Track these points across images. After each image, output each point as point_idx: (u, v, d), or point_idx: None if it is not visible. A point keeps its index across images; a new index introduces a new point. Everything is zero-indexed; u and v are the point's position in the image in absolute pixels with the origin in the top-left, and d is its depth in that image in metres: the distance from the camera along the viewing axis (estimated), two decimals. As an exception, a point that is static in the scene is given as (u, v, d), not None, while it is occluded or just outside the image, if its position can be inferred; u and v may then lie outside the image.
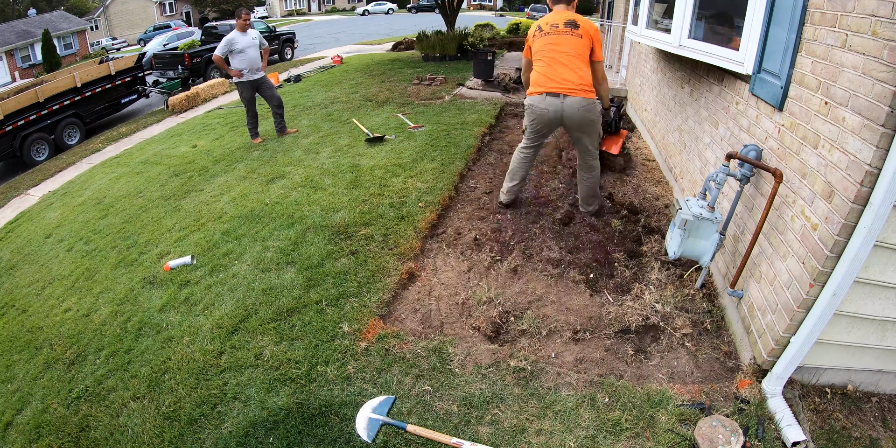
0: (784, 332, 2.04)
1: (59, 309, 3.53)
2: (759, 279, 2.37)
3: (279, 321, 2.73)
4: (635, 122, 6.18)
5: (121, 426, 2.28)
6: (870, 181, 1.68)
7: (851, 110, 1.77)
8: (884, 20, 1.60)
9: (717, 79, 3.23)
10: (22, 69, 27.51)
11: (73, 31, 31.29)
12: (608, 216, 3.60)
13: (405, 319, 2.77)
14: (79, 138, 10.18)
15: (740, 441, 1.88)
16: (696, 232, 2.48)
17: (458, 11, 13.07)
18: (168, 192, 5.14)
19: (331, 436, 2.07)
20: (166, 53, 13.44)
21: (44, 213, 5.87)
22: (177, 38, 19.49)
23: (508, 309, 2.75)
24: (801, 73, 2.15)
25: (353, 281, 2.99)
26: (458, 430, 2.06)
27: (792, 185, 2.17)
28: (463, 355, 2.42)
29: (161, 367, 2.58)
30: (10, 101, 8.97)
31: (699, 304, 2.71)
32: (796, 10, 2.16)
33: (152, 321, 2.99)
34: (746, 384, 2.20)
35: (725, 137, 3.04)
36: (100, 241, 4.40)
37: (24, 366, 3.05)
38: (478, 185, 4.32)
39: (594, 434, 2.01)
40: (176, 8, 38.41)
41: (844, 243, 1.79)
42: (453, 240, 3.46)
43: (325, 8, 51.11)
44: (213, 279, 3.27)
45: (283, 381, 2.35)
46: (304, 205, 4.07)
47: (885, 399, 2.24)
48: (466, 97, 7.59)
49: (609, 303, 2.76)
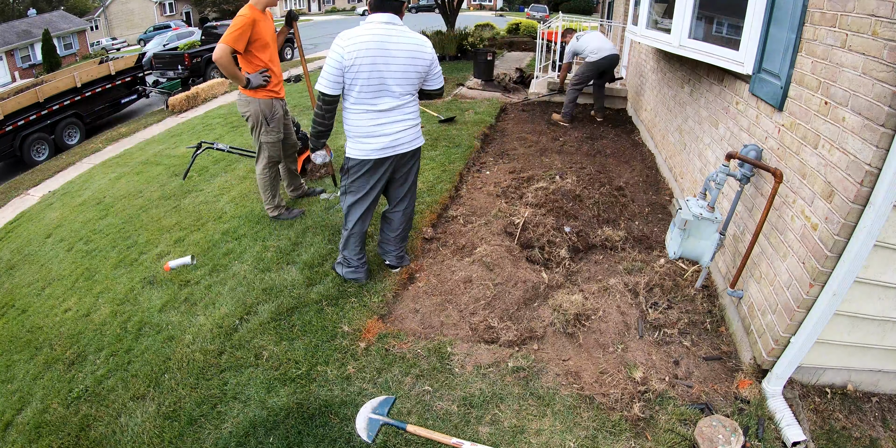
0: (784, 332, 2.04)
1: (59, 309, 3.53)
2: (759, 279, 2.37)
3: (279, 321, 2.73)
4: (635, 122, 6.19)
5: (121, 426, 2.27)
6: (870, 181, 1.68)
7: (851, 110, 1.77)
8: (884, 20, 1.60)
9: (717, 79, 3.23)
10: (22, 69, 27.52)
11: (73, 31, 31.29)
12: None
13: (405, 319, 2.76)
14: (79, 138, 10.19)
15: (740, 441, 1.88)
16: (696, 232, 2.48)
17: (458, 11, 13.07)
18: (168, 192, 5.14)
19: (331, 436, 2.07)
20: (166, 53, 13.45)
21: (44, 213, 5.88)
22: (177, 38, 19.50)
23: (509, 307, 2.75)
24: (801, 72, 2.15)
25: (352, 281, 2.98)
26: (458, 430, 2.06)
27: (792, 185, 2.17)
28: (463, 355, 2.42)
29: (161, 366, 2.58)
30: (10, 101, 8.97)
31: (699, 304, 2.71)
32: (796, 10, 2.16)
33: (152, 321, 2.99)
34: (746, 384, 2.20)
35: (725, 137, 3.04)
36: (100, 241, 4.40)
37: (24, 366, 3.05)
38: (478, 186, 4.32)
39: (594, 434, 2.01)
40: (176, 8, 38.40)
41: (844, 243, 1.79)
42: (454, 240, 3.46)
43: (326, 8, 51.13)
44: (214, 279, 3.27)
45: (283, 380, 2.35)
46: (305, 204, 4.07)
47: (885, 399, 2.24)
48: (466, 97, 7.60)
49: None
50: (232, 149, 4.55)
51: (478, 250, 3.20)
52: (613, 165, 4.78)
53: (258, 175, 3.66)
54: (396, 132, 2.57)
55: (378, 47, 2.36)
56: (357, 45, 2.33)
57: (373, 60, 2.36)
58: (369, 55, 2.35)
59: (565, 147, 5.30)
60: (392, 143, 2.57)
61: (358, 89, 2.43)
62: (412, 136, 2.66)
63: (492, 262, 3.04)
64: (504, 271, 2.98)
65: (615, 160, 4.95)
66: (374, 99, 2.47)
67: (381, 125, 2.52)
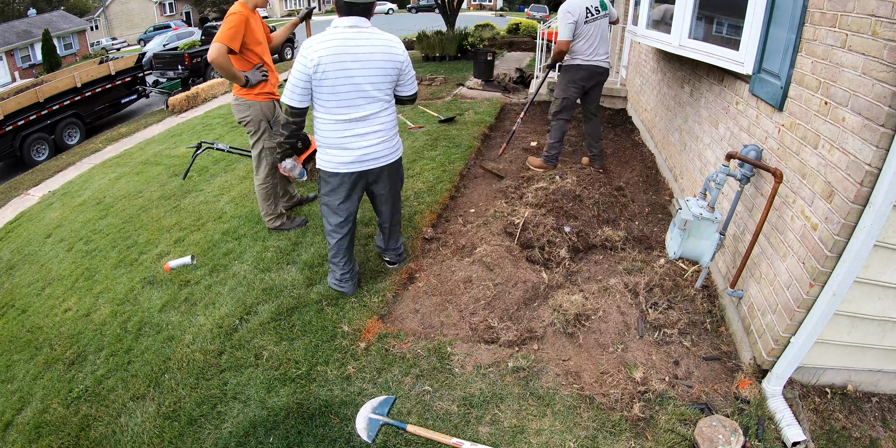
0: (784, 332, 2.04)
1: (59, 309, 3.53)
2: (759, 279, 2.37)
3: (279, 321, 2.73)
4: (635, 122, 6.19)
5: (121, 426, 2.28)
6: (870, 181, 1.68)
7: (851, 110, 1.77)
8: (884, 20, 1.60)
9: (717, 79, 3.23)
10: (22, 69, 27.52)
11: (73, 31, 31.29)
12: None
13: (405, 319, 2.76)
14: (79, 138, 10.19)
15: (740, 441, 1.88)
16: (696, 232, 2.48)
17: (458, 11, 13.05)
18: (168, 192, 5.14)
19: (331, 436, 2.07)
20: (166, 53, 13.45)
21: (44, 213, 5.88)
22: (177, 38, 19.49)
23: (509, 307, 2.75)
24: (801, 73, 2.15)
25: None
26: (458, 430, 2.06)
27: (792, 185, 2.17)
28: (463, 355, 2.42)
29: (161, 366, 2.58)
30: (11, 101, 8.98)
31: (699, 304, 2.71)
32: (796, 10, 2.16)
33: (152, 321, 2.99)
34: (746, 384, 2.20)
35: (725, 137, 3.04)
36: (100, 241, 4.40)
37: (24, 366, 3.05)
38: (478, 186, 4.32)
39: (594, 434, 2.01)
40: (176, 8, 38.41)
41: (844, 243, 1.79)
42: (454, 240, 3.46)
43: (326, 8, 51.14)
44: (214, 279, 3.27)
45: (283, 380, 2.35)
46: (304, 204, 4.07)
47: (885, 399, 2.24)
48: (466, 97, 7.59)
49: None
50: (232, 149, 4.55)
51: (478, 250, 3.20)
52: (613, 165, 4.78)
53: (260, 185, 3.46)
54: (368, 146, 2.43)
55: (344, 52, 2.25)
56: (321, 51, 2.23)
57: (340, 65, 2.25)
58: (335, 59, 2.24)
59: (565, 147, 5.29)
60: (362, 157, 2.44)
61: (326, 96, 2.31)
62: (387, 150, 2.50)
63: (492, 262, 3.04)
64: (504, 271, 2.98)
65: (615, 160, 4.95)
66: (343, 107, 2.34)
67: (349, 137, 2.39)
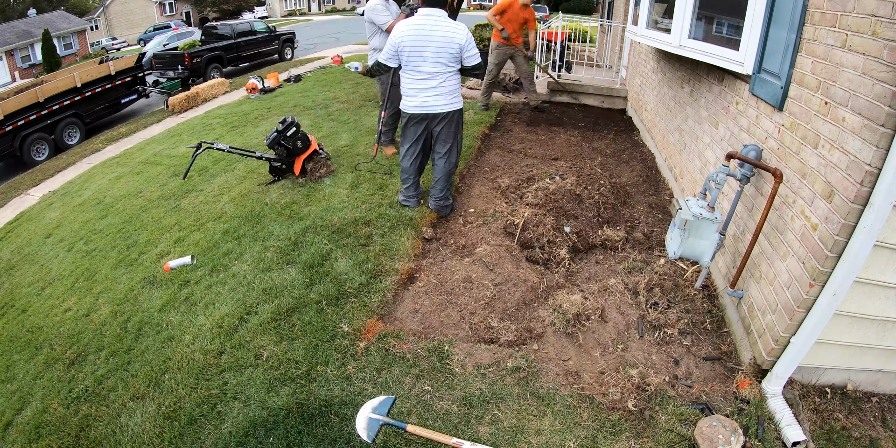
0: (784, 332, 2.04)
1: (59, 309, 3.53)
2: (759, 279, 2.37)
3: (279, 321, 2.73)
4: (635, 123, 6.19)
5: (121, 426, 2.28)
6: (870, 181, 1.68)
7: (851, 110, 1.77)
8: (884, 20, 1.60)
9: (717, 79, 3.23)
10: (22, 69, 27.50)
11: (73, 31, 31.27)
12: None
13: (405, 319, 2.76)
14: (79, 138, 10.18)
15: (740, 441, 1.88)
16: (696, 232, 2.48)
17: (458, 11, 13.05)
18: (168, 192, 5.13)
19: (331, 436, 2.07)
20: (166, 53, 13.43)
21: (44, 213, 5.88)
22: (177, 38, 19.48)
23: (508, 307, 2.75)
24: (801, 73, 2.15)
25: (353, 281, 2.99)
26: (457, 429, 2.06)
27: (792, 185, 2.17)
28: (463, 355, 2.42)
29: (161, 366, 2.58)
30: (10, 101, 8.97)
31: (699, 304, 2.71)
32: (796, 10, 2.16)
33: (152, 321, 2.99)
34: (746, 384, 2.20)
35: (725, 137, 3.04)
36: (100, 241, 4.40)
37: (24, 366, 3.05)
38: (478, 186, 4.32)
39: (594, 434, 2.01)
40: (176, 8, 38.39)
41: (844, 243, 1.79)
42: (454, 240, 3.46)
43: (325, 8, 51.11)
44: (213, 279, 3.26)
45: (283, 380, 2.35)
46: (304, 205, 4.07)
47: (885, 399, 2.24)
48: (466, 97, 7.57)
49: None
50: (232, 149, 4.55)
51: (478, 250, 3.20)
52: (613, 165, 4.78)
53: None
54: (427, 96, 3.37)
55: (417, 33, 3.22)
56: (404, 31, 3.24)
57: (412, 41, 3.23)
58: (411, 38, 3.23)
59: (565, 147, 5.30)
60: (423, 102, 3.38)
61: (404, 61, 3.33)
62: (441, 101, 3.39)
63: (492, 262, 3.04)
64: (504, 271, 2.98)
65: (615, 160, 4.95)
66: (412, 70, 3.33)
67: (415, 90, 3.37)
